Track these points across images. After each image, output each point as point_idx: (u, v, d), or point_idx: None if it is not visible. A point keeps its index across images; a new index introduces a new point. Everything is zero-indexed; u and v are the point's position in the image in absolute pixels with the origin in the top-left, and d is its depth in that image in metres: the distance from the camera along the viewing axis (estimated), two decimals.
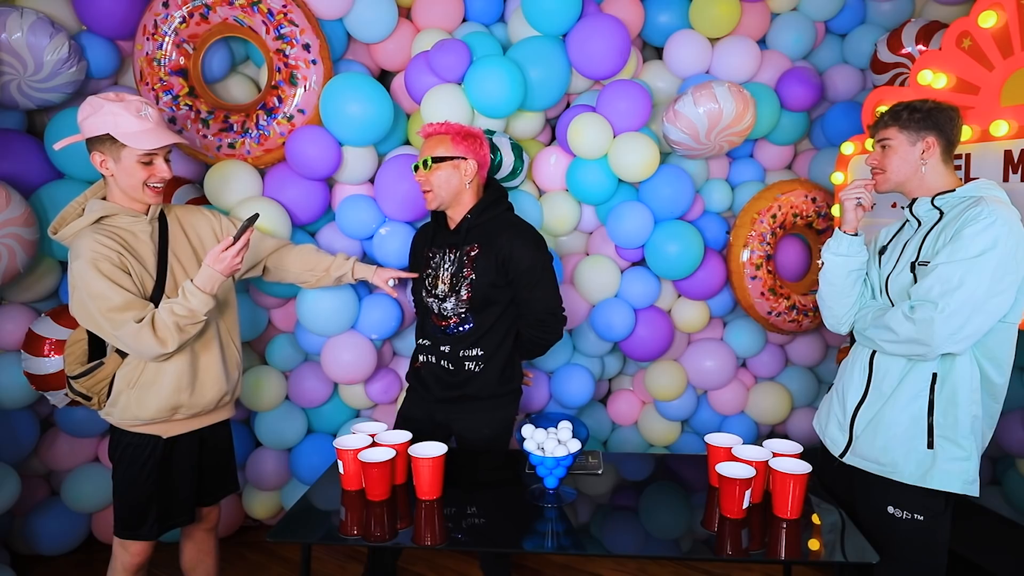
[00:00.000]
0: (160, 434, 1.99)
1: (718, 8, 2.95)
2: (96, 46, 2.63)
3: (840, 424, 1.86)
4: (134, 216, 1.92)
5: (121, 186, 1.89)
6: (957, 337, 1.59)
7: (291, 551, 2.94)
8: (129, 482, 1.98)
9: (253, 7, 2.55)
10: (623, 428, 3.35)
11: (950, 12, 3.04)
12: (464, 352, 2.17)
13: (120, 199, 1.92)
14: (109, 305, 1.79)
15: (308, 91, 2.61)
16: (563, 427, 1.87)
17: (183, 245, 2.03)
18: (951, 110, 1.75)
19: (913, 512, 1.70)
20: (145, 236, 1.94)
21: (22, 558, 2.82)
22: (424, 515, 1.72)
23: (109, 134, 1.82)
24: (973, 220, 1.59)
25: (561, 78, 2.82)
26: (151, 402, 1.94)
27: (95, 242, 1.82)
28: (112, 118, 1.82)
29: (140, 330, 1.81)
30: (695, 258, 2.95)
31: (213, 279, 1.89)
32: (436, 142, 2.17)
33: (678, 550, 1.66)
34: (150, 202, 1.93)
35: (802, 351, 3.37)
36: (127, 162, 1.86)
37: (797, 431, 3.34)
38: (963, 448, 1.67)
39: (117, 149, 1.84)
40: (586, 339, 3.07)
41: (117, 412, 1.96)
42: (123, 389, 1.94)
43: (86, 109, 1.85)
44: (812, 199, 3.05)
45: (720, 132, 2.76)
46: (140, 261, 1.91)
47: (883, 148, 1.79)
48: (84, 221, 1.87)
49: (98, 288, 1.79)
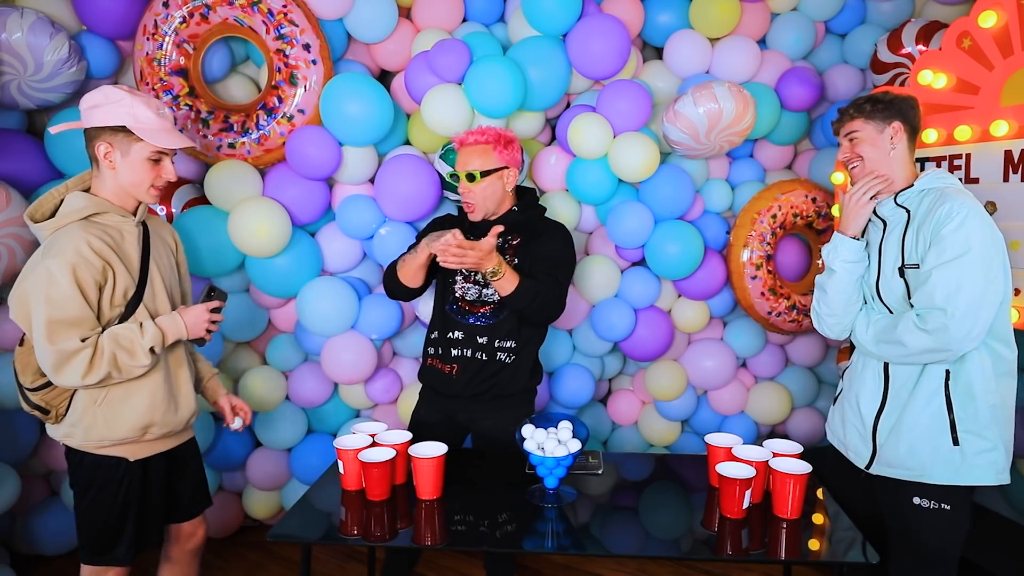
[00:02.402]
0: (127, 456, 1.82)
1: (718, 8, 2.95)
2: (96, 46, 2.63)
3: (862, 435, 1.83)
4: (123, 215, 1.80)
5: (122, 181, 1.78)
6: (972, 335, 1.61)
7: (291, 551, 2.94)
8: (98, 506, 1.82)
9: (253, 7, 2.56)
10: (623, 428, 3.35)
11: (950, 12, 3.04)
12: (499, 343, 2.14)
13: (112, 195, 1.79)
14: (62, 315, 1.64)
15: (308, 91, 2.61)
16: (563, 427, 1.87)
17: (162, 253, 1.92)
18: (911, 99, 1.81)
19: (940, 502, 1.70)
20: (132, 238, 1.82)
21: (22, 558, 2.81)
22: (424, 515, 1.72)
23: (123, 126, 1.73)
24: (947, 219, 1.63)
25: (561, 78, 2.82)
26: (122, 421, 1.78)
27: (84, 243, 1.67)
28: (131, 110, 1.73)
29: (78, 352, 1.65)
30: (695, 258, 2.95)
31: (177, 331, 1.79)
32: (480, 152, 2.12)
33: (678, 550, 1.66)
34: (149, 202, 1.84)
35: (802, 351, 3.37)
36: (136, 158, 1.76)
37: (797, 431, 3.34)
38: (988, 439, 1.68)
39: (128, 143, 1.75)
40: (586, 339, 3.07)
41: (80, 433, 1.78)
42: (88, 406, 1.76)
43: (96, 97, 1.75)
44: (812, 199, 3.05)
45: (720, 132, 2.76)
46: (126, 263, 1.77)
47: (851, 141, 1.82)
48: (71, 214, 1.72)
49: (62, 295, 1.64)
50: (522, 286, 2.02)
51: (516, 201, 2.22)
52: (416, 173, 2.70)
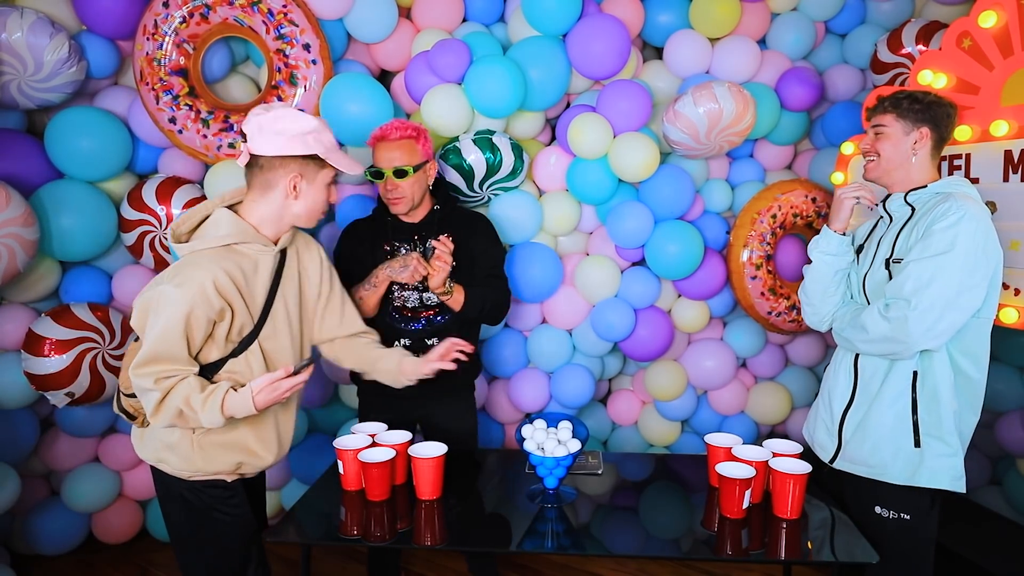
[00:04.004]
0: (225, 477, 1.75)
1: (718, 8, 2.95)
2: (96, 46, 2.63)
3: (828, 429, 1.87)
4: (264, 245, 1.70)
5: (298, 209, 1.71)
6: (932, 333, 1.61)
7: (291, 551, 2.93)
8: (216, 533, 1.73)
9: (253, 7, 2.55)
10: (623, 428, 3.35)
11: (950, 12, 3.04)
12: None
13: (264, 221, 1.70)
14: (160, 347, 1.57)
15: (308, 91, 2.61)
16: (563, 427, 1.87)
17: (292, 282, 1.82)
18: (950, 107, 1.78)
19: (900, 511, 1.71)
20: (266, 270, 1.72)
21: (22, 558, 2.81)
22: (424, 515, 1.72)
23: (314, 154, 1.67)
24: (942, 216, 1.63)
25: (561, 78, 2.82)
26: (221, 455, 1.70)
27: (210, 281, 1.58)
28: (319, 136, 1.67)
29: (147, 392, 1.59)
30: (695, 258, 2.95)
31: (245, 408, 1.61)
32: (407, 147, 2.14)
33: (678, 550, 1.66)
34: (310, 227, 1.78)
35: (802, 351, 3.37)
36: (320, 184, 1.71)
37: (797, 431, 3.34)
38: (949, 445, 1.69)
39: (316, 170, 1.69)
40: (586, 339, 3.07)
41: (175, 460, 1.70)
42: (186, 434, 1.69)
43: (282, 122, 1.65)
44: (812, 199, 3.05)
45: (720, 132, 2.76)
46: (248, 301, 1.68)
47: (876, 134, 1.80)
48: (212, 240, 1.64)
49: (167, 327, 1.57)
50: (469, 298, 2.15)
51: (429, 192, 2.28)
52: None
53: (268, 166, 1.67)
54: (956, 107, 1.79)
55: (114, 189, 2.77)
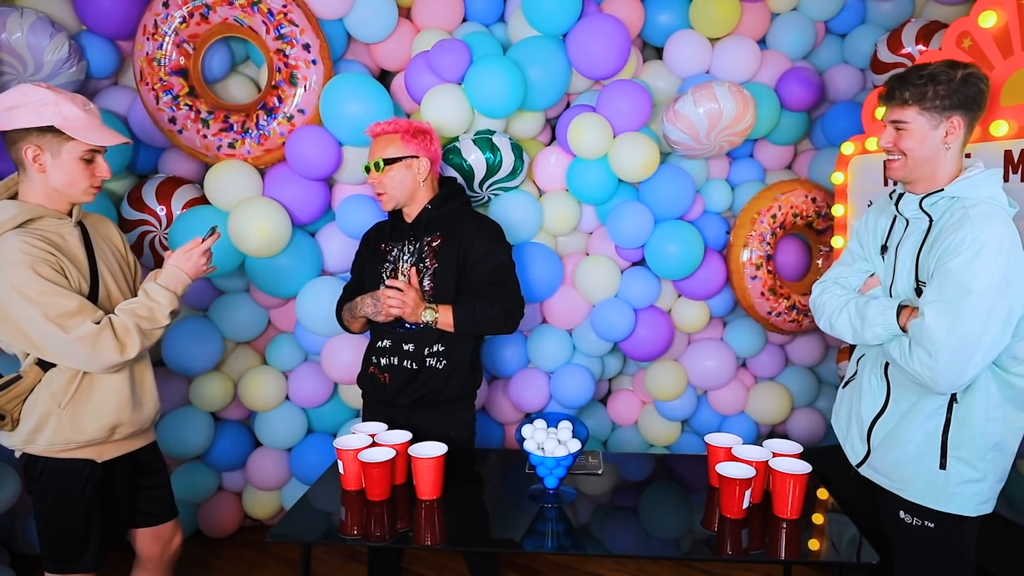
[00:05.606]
0: (94, 458, 1.77)
1: (718, 8, 2.95)
2: (96, 46, 2.63)
3: (860, 433, 1.78)
4: (60, 219, 1.71)
5: (55, 184, 1.68)
6: (961, 380, 1.50)
7: (291, 551, 2.94)
8: (62, 514, 1.74)
9: (253, 7, 2.55)
10: (623, 428, 3.35)
11: (950, 12, 3.04)
12: (427, 349, 2.09)
13: (44, 199, 1.70)
14: (60, 310, 1.59)
15: (308, 91, 2.61)
16: (563, 427, 1.87)
17: (106, 253, 1.84)
18: (980, 80, 1.52)
19: (924, 519, 1.65)
20: (74, 240, 1.74)
21: (22, 558, 2.81)
22: (424, 515, 1.72)
23: (51, 126, 1.63)
24: (955, 253, 1.47)
25: (561, 78, 2.82)
26: (89, 421, 1.72)
27: (27, 244, 1.60)
28: (56, 108, 1.63)
29: (99, 333, 1.62)
30: (695, 258, 2.95)
31: (179, 279, 1.76)
32: (386, 142, 2.11)
33: (678, 550, 1.66)
34: (86, 202, 1.76)
35: (802, 351, 3.37)
36: (68, 158, 1.67)
37: (797, 431, 3.34)
38: (978, 470, 1.59)
39: (58, 143, 1.65)
40: (586, 339, 3.07)
41: (44, 438, 1.70)
42: (52, 410, 1.69)
43: (14, 97, 1.63)
44: (812, 199, 3.05)
45: (720, 132, 2.76)
46: (76, 266, 1.70)
47: (897, 131, 1.59)
48: (3, 224, 1.63)
49: (42, 291, 1.58)
50: (459, 319, 2.05)
51: (436, 193, 2.19)
52: None
53: (9, 143, 1.67)
54: (987, 78, 1.53)
55: (114, 189, 2.77)
